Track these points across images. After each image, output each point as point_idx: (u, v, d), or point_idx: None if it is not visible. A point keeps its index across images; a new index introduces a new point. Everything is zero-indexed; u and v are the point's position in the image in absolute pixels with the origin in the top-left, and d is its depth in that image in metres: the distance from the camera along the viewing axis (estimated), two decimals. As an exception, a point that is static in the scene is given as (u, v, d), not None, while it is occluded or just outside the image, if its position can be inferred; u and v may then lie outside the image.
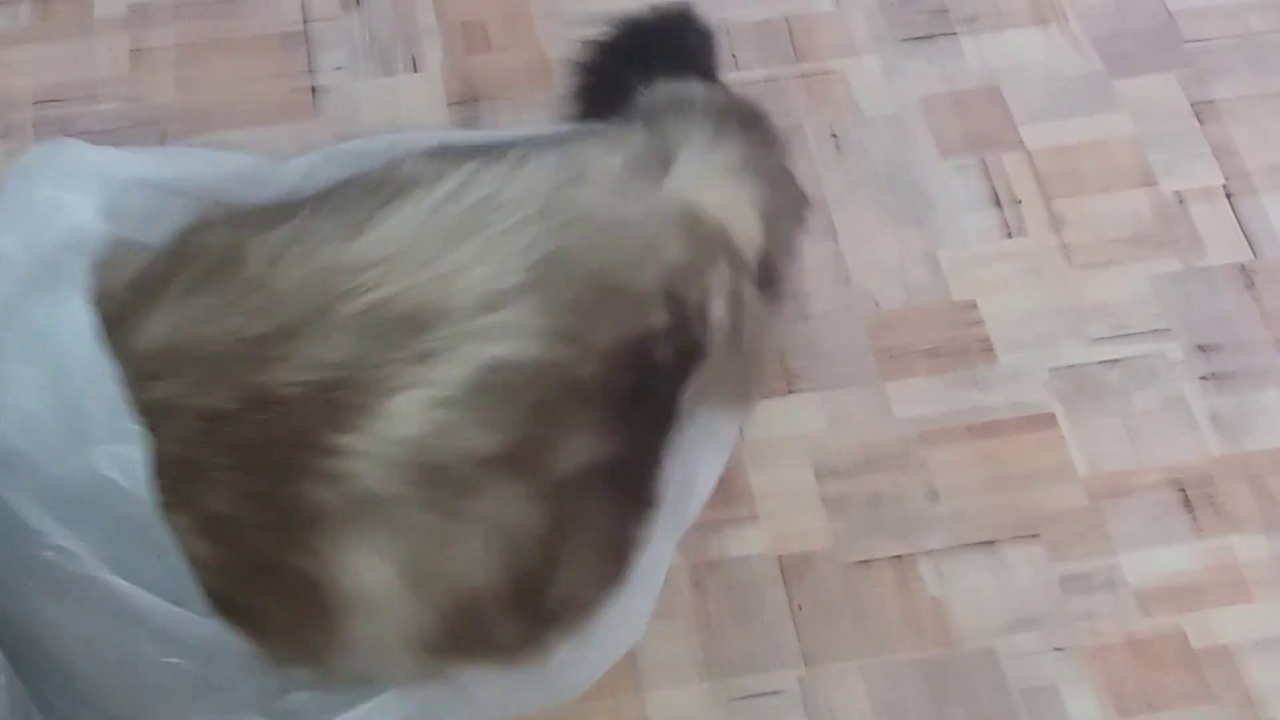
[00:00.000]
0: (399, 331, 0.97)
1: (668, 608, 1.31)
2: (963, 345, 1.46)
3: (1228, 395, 1.43)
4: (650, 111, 1.22)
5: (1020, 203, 1.55)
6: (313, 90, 1.61)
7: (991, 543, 1.35)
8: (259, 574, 0.98)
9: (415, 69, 1.63)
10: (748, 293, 1.15)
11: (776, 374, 1.45)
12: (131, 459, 0.93)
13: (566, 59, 1.43)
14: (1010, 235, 1.54)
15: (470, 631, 1.01)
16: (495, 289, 1.00)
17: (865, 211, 1.55)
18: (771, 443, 1.41)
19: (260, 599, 0.99)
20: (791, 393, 1.44)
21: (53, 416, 0.95)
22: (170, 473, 0.95)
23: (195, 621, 0.96)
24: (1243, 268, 1.51)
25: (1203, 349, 1.46)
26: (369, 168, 1.10)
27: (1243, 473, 1.39)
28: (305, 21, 1.66)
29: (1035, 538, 1.35)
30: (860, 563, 1.34)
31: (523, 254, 1.01)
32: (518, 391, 0.98)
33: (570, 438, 1.01)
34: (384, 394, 0.95)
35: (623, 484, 1.06)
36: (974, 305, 1.49)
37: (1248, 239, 1.53)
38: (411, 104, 1.60)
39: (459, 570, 0.98)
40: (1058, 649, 1.30)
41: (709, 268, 1.11)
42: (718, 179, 1.16)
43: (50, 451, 0.94)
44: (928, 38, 1.67)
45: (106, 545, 0.94)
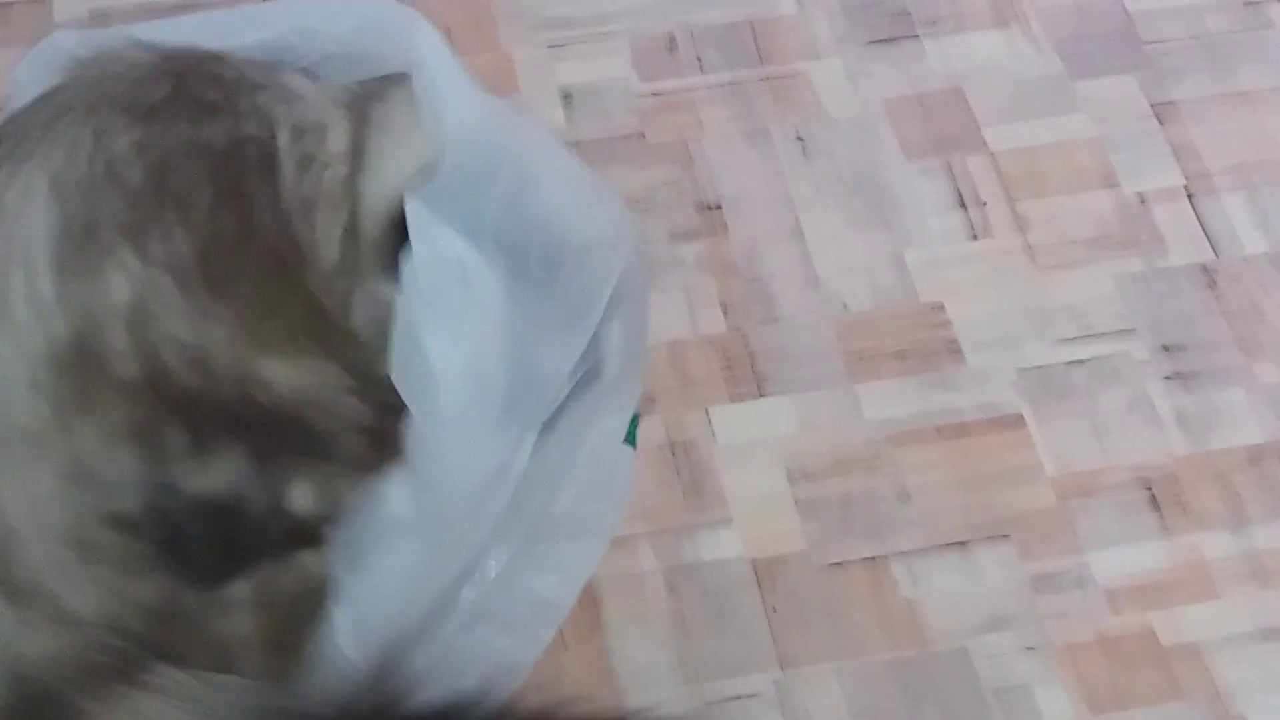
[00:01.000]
0: None
1: (642, 612, 1.32)
2: (931, 347, 1.47)
3: (1192, 394, 1.45)
4: None
5: (985, 205, 1.57)
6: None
7: (963, 543, 1.36)
8: None
9: (380, 73, 1.62)
10: None
11: (747, 377, 1.45)
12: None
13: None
14: (975, 237, 1.55)
15: None
16: None
17: (832, 214, 1.56)
18: (743, 446, 1.42)
19: None
20: (762, 396, 1.45)
21: None
22: None
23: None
24: (1204, 267, 1.53)
25: (1167, 349, 1.47)
26: None
27: (1208, 471, 1.40)
28: (270, 27, 1.65)
29: (1005, 538, 1.36)
30: (833, 565, 1.35)
31: None
32: None
33: None
34: None
35: None
36: (941, 307, 1.50)
37: (1209, 239, 1.55)
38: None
39: None
40: (1029, 648, 1.31)
41: None
42: None
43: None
44: (890, 40, 1.68)
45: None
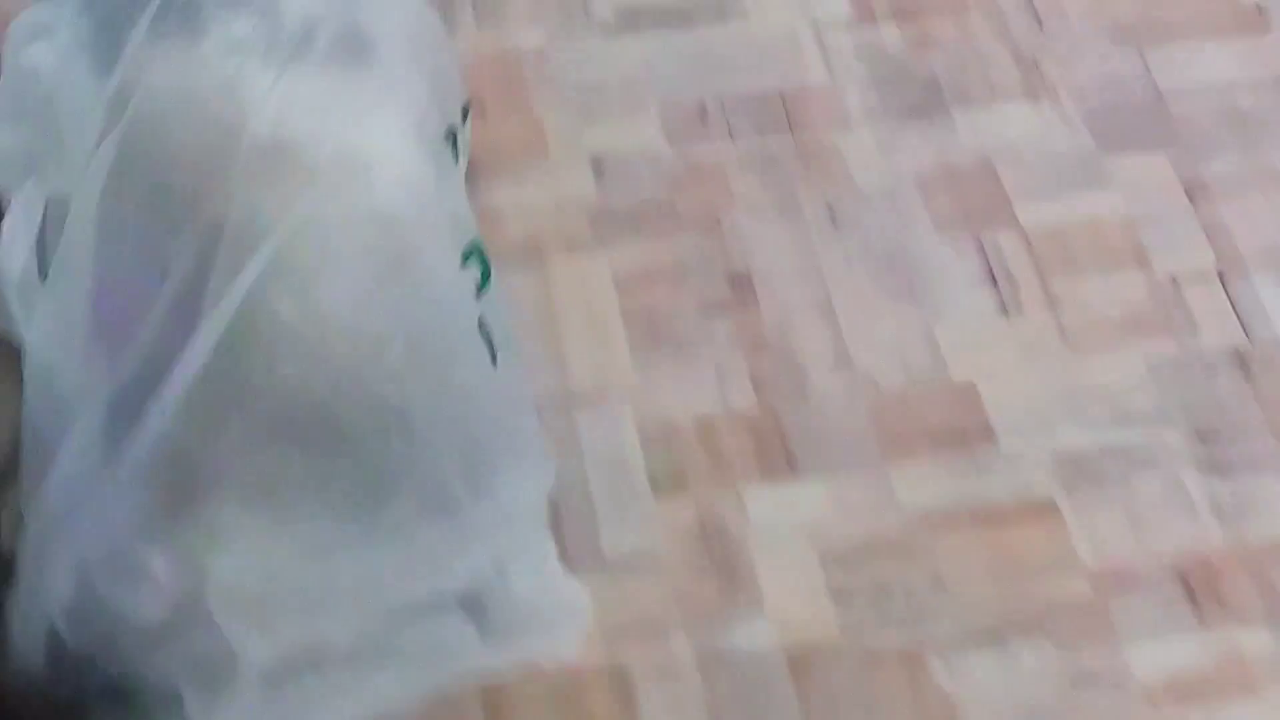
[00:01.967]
0: None
1: (676, 700, 1.30)
2: (964, 429, 1.46)
3: (1227, 483, 1.44)
4: None
5: (1016, 282, 1.56)
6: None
7: (999, 635, 1.34)
8: None
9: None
10: None
11: (779, 456, 1.44)
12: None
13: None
14: (1007, 314, 1.54)
15: None
16: None
17: (862, 287, 1.55)
18: (776, 527, 1.40)
19: None
20: (794, 475, 1.43)
21: None
22: None
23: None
24: (1237, 351, 1.52)
25: (1201, 435, 1.46)
26: None
27: (1244, 564, 1.39)
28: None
29: (1041, 629, 1.35)
30: (869, 655, 1.33)
31: None
32: None
33: None
34: None
35: None
36: (973, 387, 1.49)
37: (1241, 322, 1.54)
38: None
39: None
40: (1067, 745, 1.30)
41: None
42: None
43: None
44: (921, 113, 1.67)
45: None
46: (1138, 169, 1.64)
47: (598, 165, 1.61)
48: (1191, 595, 1.37)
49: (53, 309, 1.06)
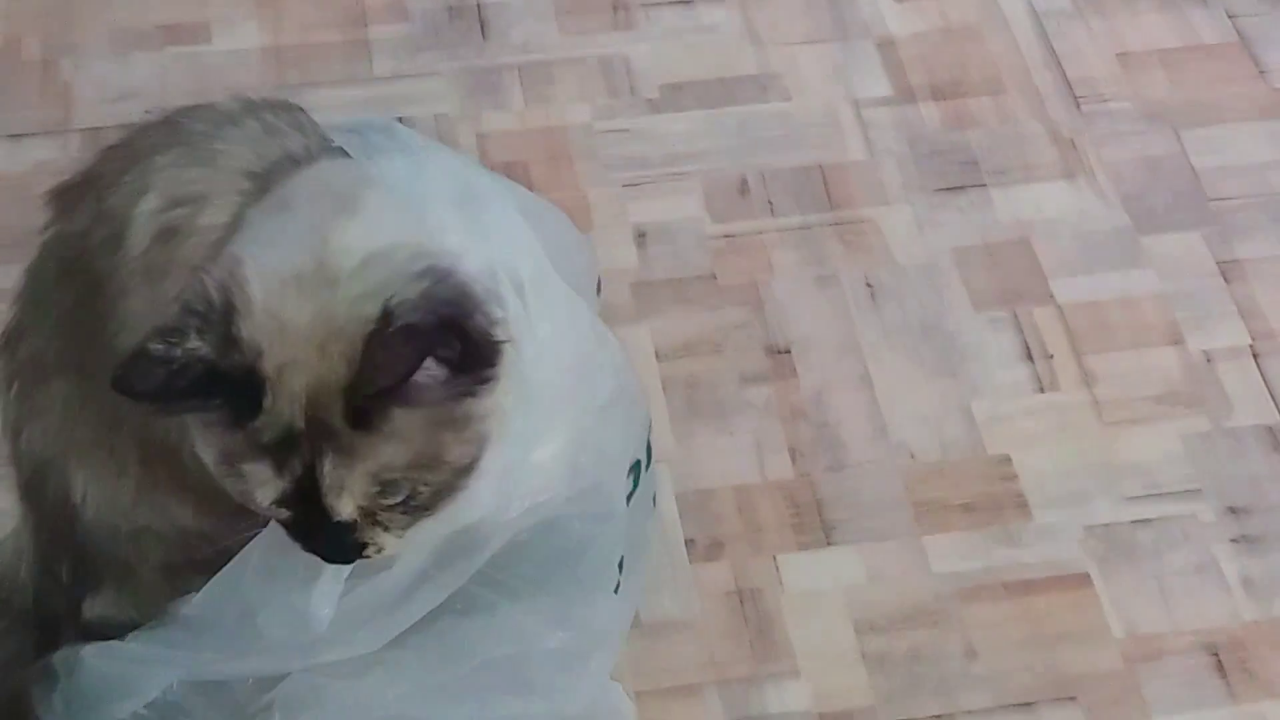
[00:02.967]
0: None
1: (711, 764, 1.32)
2: (998, 501, 1.48)
3: (1258, 558, 1.45)
4: None
5: (1052, 357, 1.58)
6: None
7: (1030, 705, 1.36)
8: None
9: (457, 206, 1.65)
10: None
11: (815, 525, 1.46)
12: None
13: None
14: (1043, 390, 1.56)
15: None
16: None
17: (900, 361, 1.57)
18: (811, 595, 1.42)
19: None
20: (830, 544, 1.45)
21: None
22: None
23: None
24: (1270, 429, 1.54)
25: (1233, 511, 1.48)
26: None
27: (1274, 638, 1.40)
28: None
29: (1073, 700, 1.36)
30: (902, 723, 1.35)
31: None
32: None
33: None
34: None
35: None
36: (1008, 460, 1.51)
37: (1274, 399, 1.56)
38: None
39: None
40: (1098, 815, 1.31)
41: None
42: None
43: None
44: (959, 189, 1.70)
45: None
46: (1173, 247, 1.67)
47: (640, 237, 1.64)
48: (1221, 669, 1.38)
49: None
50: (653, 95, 1.76)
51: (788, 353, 1.57)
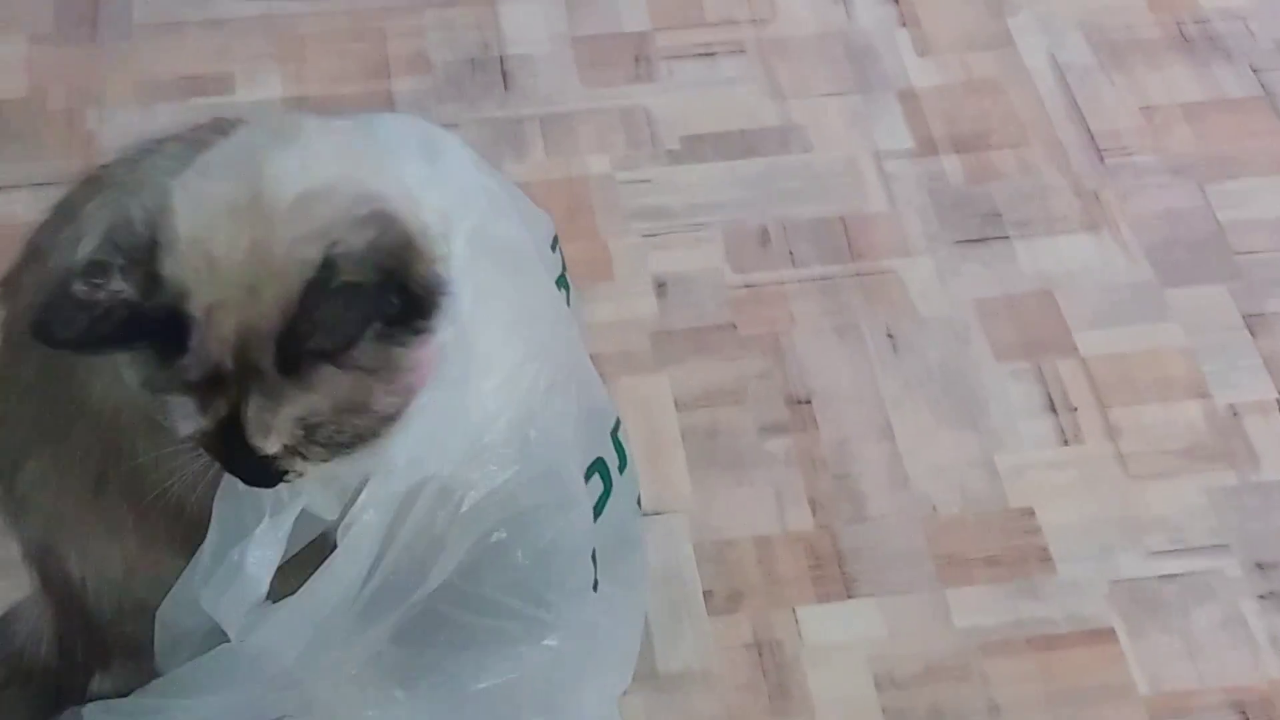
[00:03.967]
0: None
1: (727, 819, 1.30)
2: (1021, 554, 1.46)
3: (1286, 615, 1.43)
4: None
5: (1076, 410, 1.56)
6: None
7: (1054, 761, 1.33)
8: None
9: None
10: None
11: (835, 577, 1.44)
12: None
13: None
14: (1066, 442, 1.54)
15: None
16: None
17: (922, 413, 1.56)
18: (830, 648, 1.40)
19: None
20: (850, 597, 1.43)
21: None
22: None
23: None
24: (1297, 483, 1.52)
25: (1260, 567, 1.46)
26: None
27: (1304, 696, 1.38)
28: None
29: (1098, 757, 1.34)
30: (922, 779, 1.32)
31: None
32: None
33: None
34: None
35: None
36: (1031, 513, 1.49)
37: (1301, 454, 1.54)
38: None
39: None
40: None
41: None
42: None
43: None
44: (981, 241, 1.70)
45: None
46: (1198, 301, 1.65)
47: (660, 287, 1.64)
48: (1250, 727, 1.36)
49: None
50: (674, 146, 1.76)
51: (808, 403, 1.56)
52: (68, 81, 1.80)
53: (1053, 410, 1.56)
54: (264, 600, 1.05)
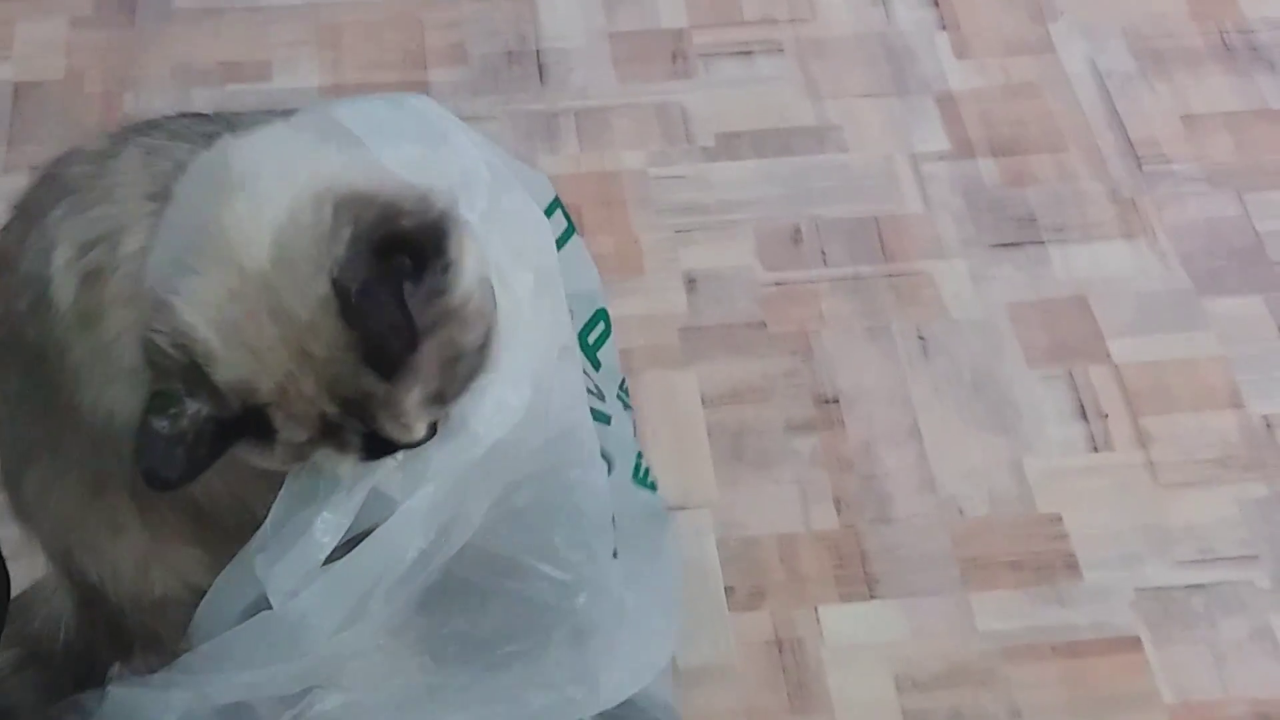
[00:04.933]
0: None
1: (743, 816, 1.29)
2: (1047, 560, 1.45)
3: (1316, 628, 1.41)
4: None
5: (1107, 417, 1.55)
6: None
7: (1076, 769, 1.32)
8: None
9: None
10: None
11: (858, 577, 1.43)
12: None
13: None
14: (1096, 449, 1.53)
15: None
16: None
17: (951, 416, 1.55)
18: (852, 648, 1.39)
19: None
20: (873, 598, 1.42)
21: None
22: None
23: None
24: (1330, 497, 1.50)
25: (1291, 579, 1.44)
26: None
27: (1332, 711, 1.36)
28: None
29: (1120, 766, 1.32)
30: (941, 782, 1.31)
31: None
32: None
33: None
34: None
35: None
36: (1059, 519, 1.48)
37: (1336, 467, 1.52)
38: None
39: None
40: None
41: None
42: None
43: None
44: (1016, 245, 1.68)
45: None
46: (1234, 310, 1.64)
47: (691, 283, 1.63)
48: (1276, 739, 1.34)
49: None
50: (708, 143, 1.75)
51: (836, 403, 1.55)
52: (105, 64, 1.80)
53: (1083, 417, 1.55)
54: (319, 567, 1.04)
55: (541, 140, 1.75)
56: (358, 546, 1.03)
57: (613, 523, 1.15)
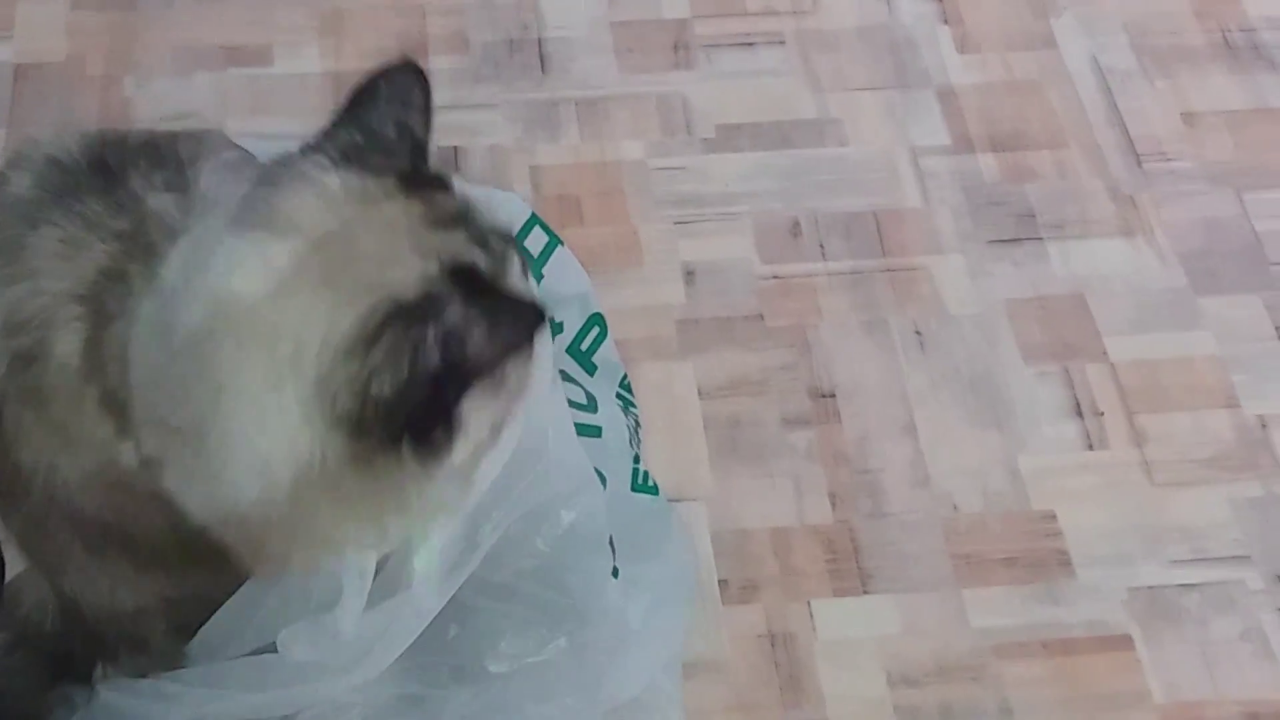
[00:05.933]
0: None
1: (733, 810, 1.29)
2: (1041, 557, 1.45)
3: (1307, 629, 1.41)
4: None
5: (1103, 415, 1.55)
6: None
7: (1066, 767, 1.32)
8: None
9: (507, 236, 1.64)
10: None
11: (852, 572, 1.43)
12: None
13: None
14: (1091, 447, 1.53)
15: None
16: None
17: (946, 412, 1.55)
18: (844, 643, 1.40)
19: None
20: (866, 592, 1.43)
21: None
22: None
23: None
24: (1324, 498, 1.50)
25: (1283, 579, 1.44)
26: None
27: (1321, 712, 1.36)
28: (403, 183, 1.67)
29: (1110, 765, 1.33)
30: (931, 778, 1.31)
31: None
32: None
33: None
34: None
35: None
36: (1053, 516, 1.48)
37: (1330, 469, 1.52)
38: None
39: None
40: None
41: None
42: None
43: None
44: (1014, 241, 1.68)
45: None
46: (1232, 310, 1.64)
47: (689, 275, 1.63)
48: (1265, 740, 1.35)
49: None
50: (709, 135, 1.75)
51: (832, 397, 1.55)
52: (106, 47, 1.80)
53: (1079, 414, 1.55)
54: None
55: (542, 129, 1.75)
56: (382, 605, 1.04)
57: (610, 543, 1.15)
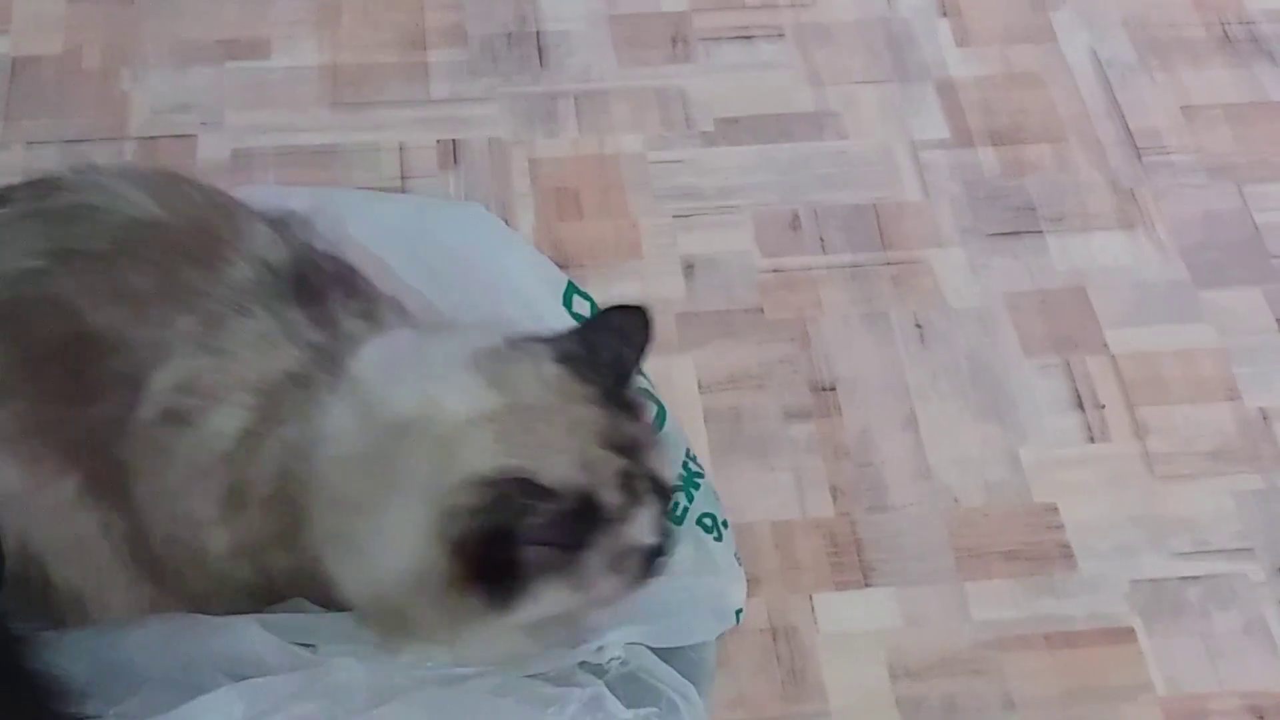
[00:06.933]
0: None
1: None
2: (1043, 550, 1.45)
3: (1309, 621, 1.41)
4: None
5: (1104, 407, 1.55)
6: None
7: (1068, 760, 1.32)
8: None
9: (506, 230, 1.64)
10: None
11: (853, 565, 1.43)
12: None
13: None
14: (1093, 440, 1.53)
15: None
16: None
17: (947, 404, 1.55)
18: (846, 636, 1.39)
19: None
20: (868, 585, 1.42)
21: None
22: None
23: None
24: (1325, 489, 1.50)
25: (1284, 571, 1.44)
26: None
27: (1323, 704, 1.36)
28: (403, 178, 1.67)
29: (1112, 756, 1.32)
30: (934, 770, 1.31)
31: None
32: None
33: None
34: None
35: None
36: (1055, 509, 1.48)
37: (1331, 461, 1.52)
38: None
39: None
40: None
41: None
42: None
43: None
44: (1014, 234, 1.68)
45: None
46: (1232, 302, 1.64)
47: (689, 268, 1.62)
48: (1268, 732, 1.34)
49: None
50: (708, 128, 1.75)
51: (833, 390, 1.55)
52: (104, 41, 1.79)
53: (1080, 407, 1.55)
54: None
55: (540, 123, 1.75)
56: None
57: None
